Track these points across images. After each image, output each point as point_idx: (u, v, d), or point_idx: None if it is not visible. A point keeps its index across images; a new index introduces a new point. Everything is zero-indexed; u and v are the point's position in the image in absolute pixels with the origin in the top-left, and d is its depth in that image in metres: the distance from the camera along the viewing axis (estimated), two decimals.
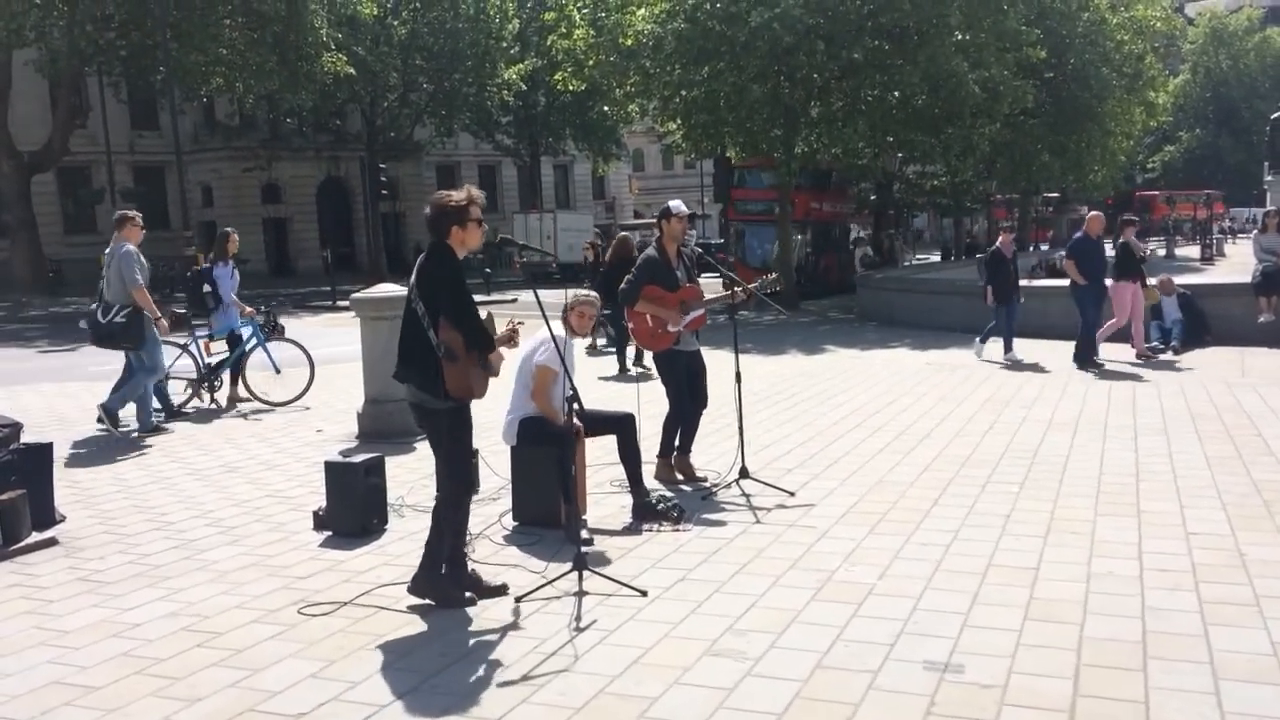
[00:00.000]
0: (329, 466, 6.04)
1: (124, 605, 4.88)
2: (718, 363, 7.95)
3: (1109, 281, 12.39)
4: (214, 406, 10.46)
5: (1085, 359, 11.95)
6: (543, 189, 49.15)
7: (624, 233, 16.36)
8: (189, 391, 10.41)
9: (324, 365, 11.00)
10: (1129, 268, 12.38)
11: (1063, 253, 40.46)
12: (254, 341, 10.65)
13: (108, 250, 9.10)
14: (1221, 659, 3.94)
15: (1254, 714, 3.53)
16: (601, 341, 15.24)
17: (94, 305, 9.16)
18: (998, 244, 13.59)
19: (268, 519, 6.34)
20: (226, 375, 10.61)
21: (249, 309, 10.77)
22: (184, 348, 10.37)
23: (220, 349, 10.72)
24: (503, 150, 45.58)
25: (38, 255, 32.25)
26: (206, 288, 10.46)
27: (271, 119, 40.66)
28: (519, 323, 5.07)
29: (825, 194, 28.12)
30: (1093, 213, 13.31)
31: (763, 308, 19.77)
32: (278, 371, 10.68)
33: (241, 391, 10.61)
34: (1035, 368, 12.16)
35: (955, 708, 3.62)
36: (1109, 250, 12.88)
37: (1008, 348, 13.00)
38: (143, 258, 9.12)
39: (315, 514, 6.11)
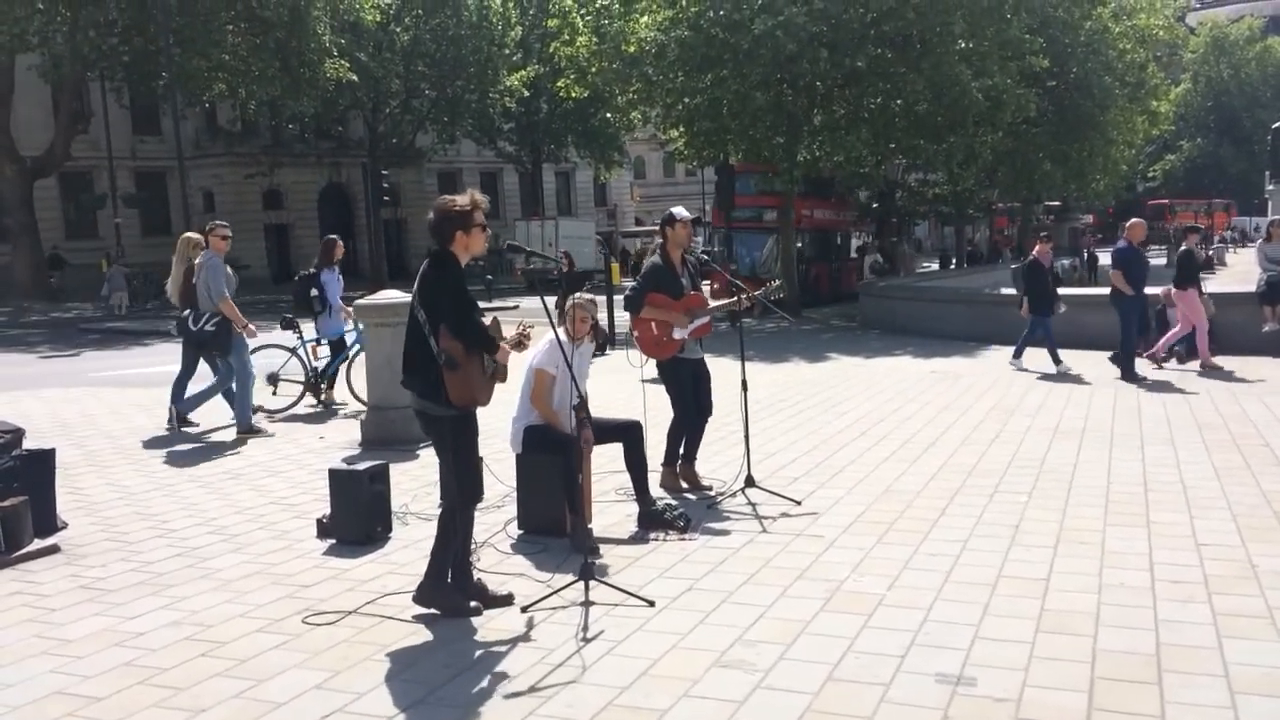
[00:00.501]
0: (333, 474, 6.00)
1: (127, 614, 4.84)
2: (721, 370, 7.91)
3: (1171, 289, 12.26)
4: (322, 408, 10.65)
5: (1130, 371, 11.65)
6: (544, 196, 49.16)
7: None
8: (299, 393, 10.75)
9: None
10: (1191, 276, 12.23)
11: (1066, 261, 40.24)
12: (357, 346, 10.78)
13: (198, 260, 9.27)
14: (1237, 672, 3.89)
15: None
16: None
17: (185, 312, 9.36)
18: (1034, 253, 13.29)
19: (271, 526, 6.30)
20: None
21: (352, 313, 11.00)
22: (293, 351, 10.70)
23: (325, 352, 11.08)
24: (505, 157, 45.61)
25: (39, 260, 32.26)
26: (314, 292, 10.74)
27: (273, 125, 40.65)
28: (529, 326, 5.04)
29: (817, 201, 27.78)
30: (1134, 220, 13.03)
31: (765, 315, 19.74)
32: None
33: (338, 395, 10.86)
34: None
35: None
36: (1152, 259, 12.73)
37: (1017, 354, 12.85)
38: (229, 268, 9.36)
39: (319, 522, 6.07)
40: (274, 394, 10.55)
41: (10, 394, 12.29)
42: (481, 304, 9.77)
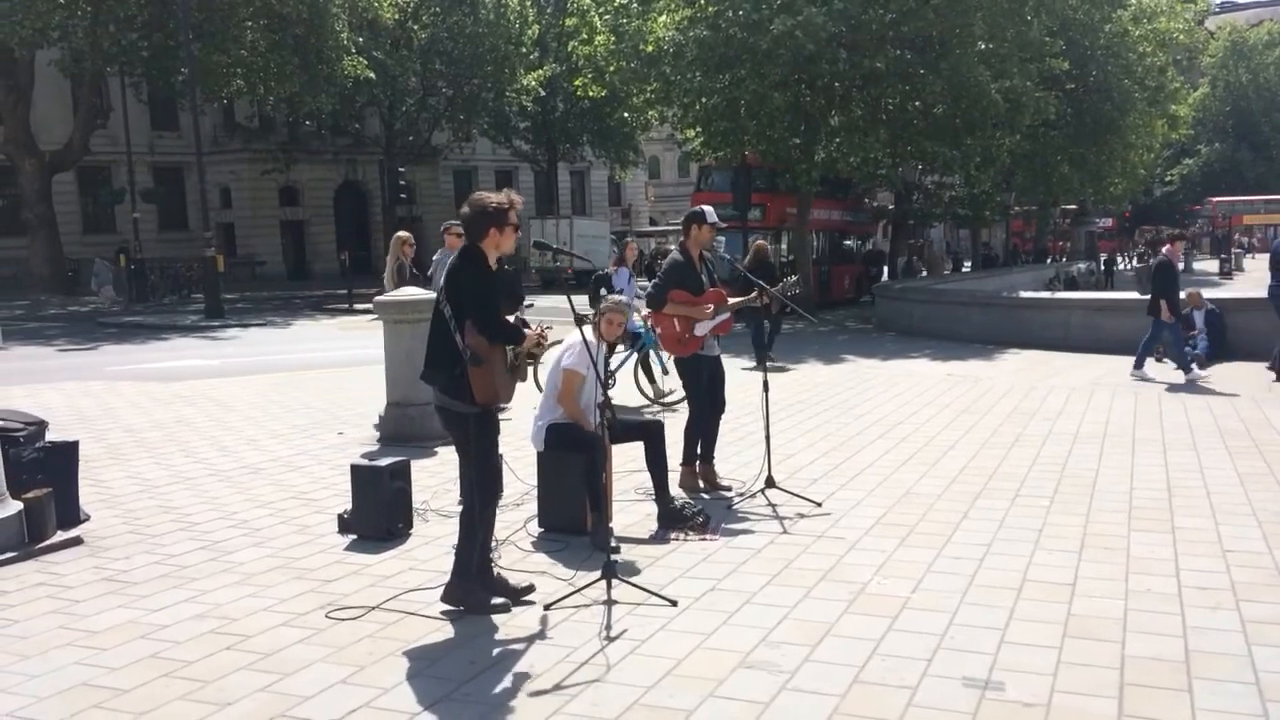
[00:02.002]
0: (355, 470, 6.01)
1: (151, 606, 4.85)
2: (737, 371, 7.89)
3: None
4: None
5: None
6: (559, 195, 49.19)
7: (760, 240, 16.23)
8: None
9: (341, 368, 10.99)
10: None
11: (1083, 265, 39.94)
12: (644, 343, 10.86)
13: (434, 257, 10.18)
14: (1268, 680, 3.86)
15: None
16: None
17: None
18: (1164, 252, 12.34)
19: (292, 521, 6.31)
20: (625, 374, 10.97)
21: (646, 312, 11.17)
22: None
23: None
24: (520, 156, 45.66)
25: (57, 253, 32.42)
26: (603, 291, 10.99)
27: (290, 122, 40.75)
28: (548, 328, 5.03)
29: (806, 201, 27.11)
30: None
31: (782, 314, 19.64)
32: (665, 372, 10.88)
33: (645, 388, 10.96)
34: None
35: None
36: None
37: (1187, 368, 11.80)
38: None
39: (340, 517, 6.07)
40: None
41: (30, 386, 12.35)
42: None
